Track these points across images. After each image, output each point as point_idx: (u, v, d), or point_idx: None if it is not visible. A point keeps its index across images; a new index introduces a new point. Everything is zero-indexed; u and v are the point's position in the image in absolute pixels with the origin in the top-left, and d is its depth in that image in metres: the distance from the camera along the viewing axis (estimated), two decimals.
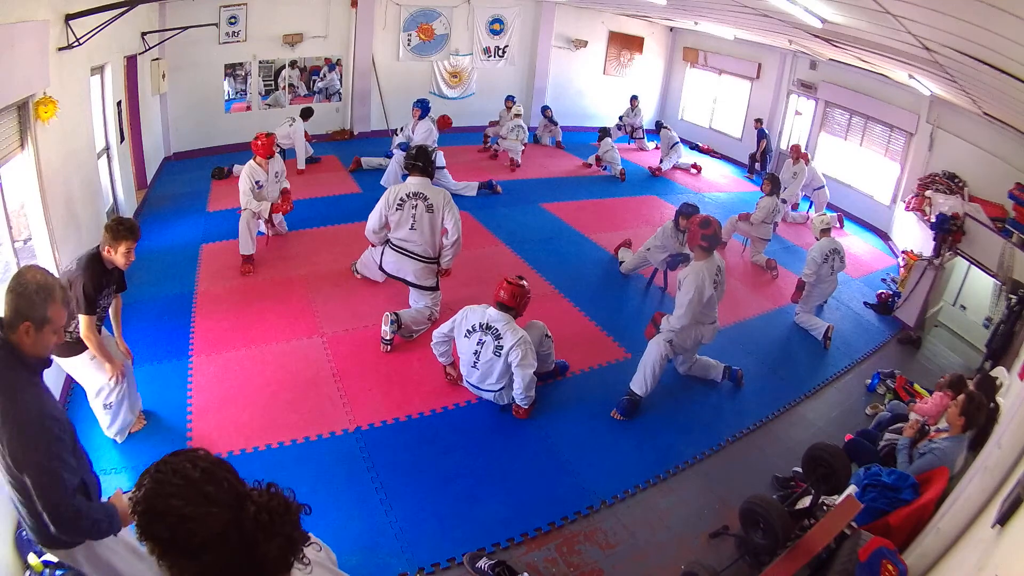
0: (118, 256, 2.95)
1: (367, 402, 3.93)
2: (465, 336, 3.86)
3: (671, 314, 4.16)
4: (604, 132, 9.64)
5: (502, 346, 3.72)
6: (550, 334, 4.17)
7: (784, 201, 6.99)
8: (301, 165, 8.01)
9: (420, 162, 4.55)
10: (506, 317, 3.77)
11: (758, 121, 10.30)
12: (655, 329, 4.26)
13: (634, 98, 11.30)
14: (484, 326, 3.78)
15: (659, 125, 10.71)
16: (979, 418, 3.21)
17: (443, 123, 8.07)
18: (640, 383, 4.14)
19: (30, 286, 1.83)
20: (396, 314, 4.50)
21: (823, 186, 8.56)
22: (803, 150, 8.61)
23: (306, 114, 8.13)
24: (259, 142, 5.38)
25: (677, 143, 10.19)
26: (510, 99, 9.96)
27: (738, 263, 6.92)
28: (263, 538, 1.01)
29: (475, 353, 3.84)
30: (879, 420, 4.18)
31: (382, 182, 7.43)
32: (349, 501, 3.21)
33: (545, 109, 10.86)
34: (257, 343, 4.43)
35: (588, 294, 5.67)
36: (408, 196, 4.49)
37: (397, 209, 4.51)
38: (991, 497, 2.34)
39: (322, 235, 6.34)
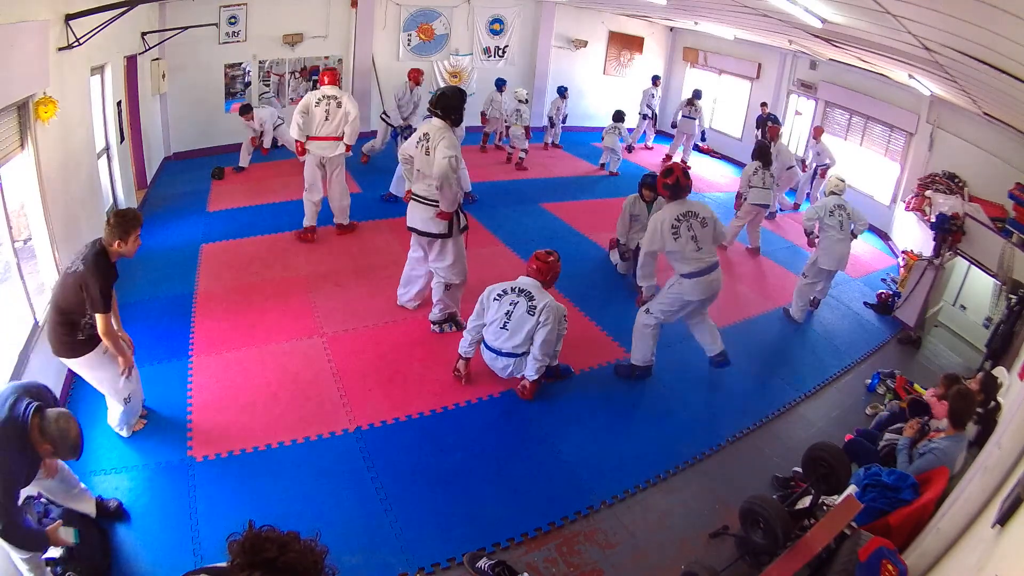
0: (129, 246, 2.97)
1: (367, 402, 3.93)
2: (496, 299, 3.98)
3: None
4: (619, 116, 9.56)
5: (535, 306, 3.90)
6: (567, 318, 4.15)
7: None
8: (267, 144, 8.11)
9: (438, 108, 4.33)
10: (536, 284, 3.98)
11: (763, 106, 9.99)
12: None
13: (656, 78, 10.99)
14: (517, 289, 3.96)
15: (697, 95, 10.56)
16: (968, 412, 3.21)
17: (413, 76, 8.10)
18: (634, 354, 4.43)
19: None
20: (446, 318, 4.72)
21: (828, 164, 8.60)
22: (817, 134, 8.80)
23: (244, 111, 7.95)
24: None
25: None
26: (502, 83, 9.81)
27: (738, 263, 6.92)
28: None
29: (507, 313, 3.95)
30: (879, 420, 4.18)
31: (392, 189, 7.40)
32: (349, 501, 3.21)
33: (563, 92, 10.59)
34: (257, 343, 4.43)
35: (588, 294, 5.67)
36: (422, 136, 4.36)
37: (416, 146, 4.39)
38: (991, 497, 2.34)
39: (322, 235, 6.33)
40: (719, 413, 4.33)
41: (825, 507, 3.08)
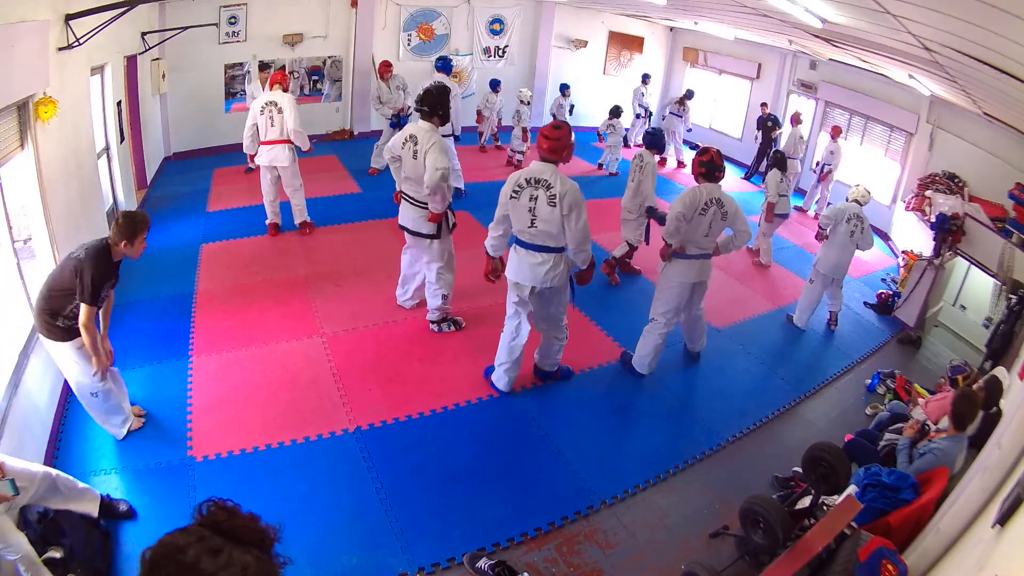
0: (135, 247, 2.98)
1: (367, 402, 3.93)
2: (512, 197, 3.62)
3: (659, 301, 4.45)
4: (616, 111, 9.50)
5: (555, 194, 3.52)
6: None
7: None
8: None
9: (425, 106, 4.26)
10: (551, 167, 3.59)
11: (763, 106, 9.99)
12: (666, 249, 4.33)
13: (646, 76, 10.85)
14: (531, 180, 3.58)
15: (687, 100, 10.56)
16: (971, 414, 3.21)
17: (381, 71, 8.10)
18: (636, 355, 4.49)
19: None
20: (444, 317, 4.75)
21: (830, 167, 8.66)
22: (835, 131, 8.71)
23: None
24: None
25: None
26: (496, 83, 9.74)
27: (738, 263, 6.91)
28: None
29: (530, 210, 3.60)
30: (879, 420, 4.18)
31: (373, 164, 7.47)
32: (349, 501, 3.21)
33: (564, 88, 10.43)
34: (257, 343, 4.43)
35: (588, 294, 5.65)
36: (408, 138, 4.28)
37: (402, 147, 4.32)
38: (991, 497, 2.34)
39: (322, 235, 6.34)
40: (719, 413, 4.32)
41: (825, 507, 3.08)
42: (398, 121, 7.78)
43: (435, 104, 4.24)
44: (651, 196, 5.72)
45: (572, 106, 10.37)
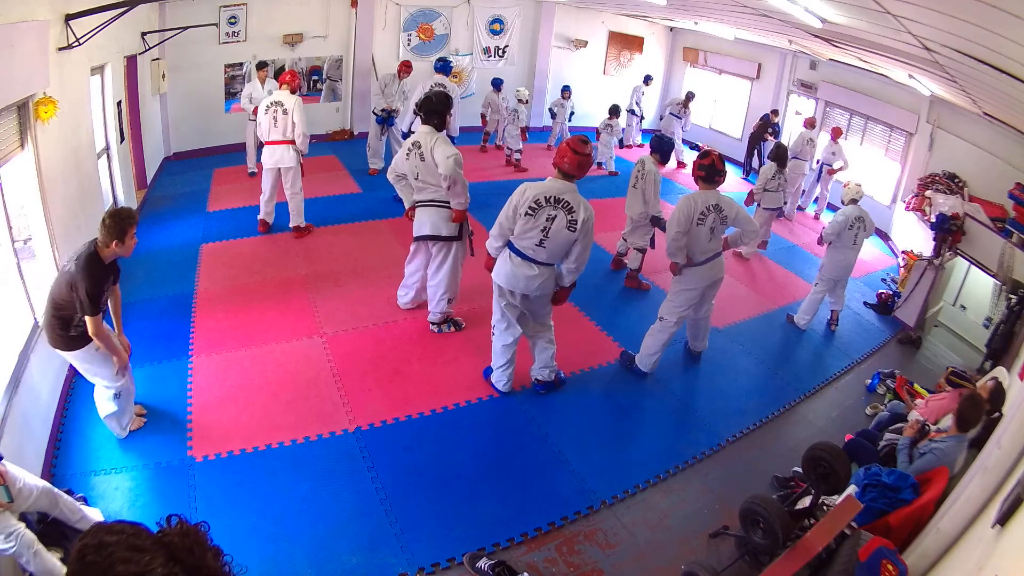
0: (126, 245, 2.96)
1: (367, 402, 3.93)
2: (528, 214, 3.54)
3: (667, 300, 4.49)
4: (614, 110, 9.50)
5: (576, 220, 3.50)
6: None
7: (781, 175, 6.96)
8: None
9: (422, 111, 4.31)
10: (571, 188, 3.55)
11: (775, 113, 10.02)
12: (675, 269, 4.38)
13: (648, 78, 10.94)
14: (552, 199, 3.50)
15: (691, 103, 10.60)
16: (976, 419, 3.21)
17: (400, 68, 8.14)
18: (640, 355, 4.49)
19: None
20: (445, 319, 4.73)
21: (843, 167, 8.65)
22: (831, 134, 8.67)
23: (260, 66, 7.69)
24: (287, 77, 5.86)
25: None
26: (499, 83, 9.78)
27: (738, 263, 6.91)
28: None
29: (543, 230, 3.54)
30: (879, 420, 4.18)
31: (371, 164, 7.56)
32: (349, 501, 3.21)
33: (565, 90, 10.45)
34: (257, 343, 4.43)
35: (588, 294, 5.66)
36: (412, 146, 4.29)
37: (406, 159, 4.33)
38: (991, 497, 2.34)
39: (322, 235, 6.34)
40: (719, 413, 4.32)
41: (825, 507, 3.08)
42: (387, 118, 7.85)
43: (431, 111, 4.29)
44: (655, 205, 5.69)
45: (572, 112, 10.39)
